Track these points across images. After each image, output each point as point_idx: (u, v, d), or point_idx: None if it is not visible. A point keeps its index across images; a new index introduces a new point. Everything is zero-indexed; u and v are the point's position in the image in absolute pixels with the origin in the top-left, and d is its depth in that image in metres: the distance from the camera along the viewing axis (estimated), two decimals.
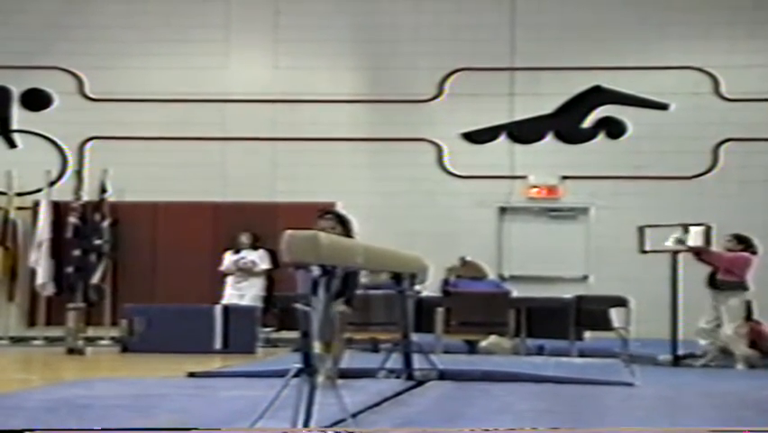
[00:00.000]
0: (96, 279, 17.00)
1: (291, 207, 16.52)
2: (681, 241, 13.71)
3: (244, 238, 16.62)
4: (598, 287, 16.61)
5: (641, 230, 14.06)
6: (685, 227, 13.82)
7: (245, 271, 16.51)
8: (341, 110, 18.04)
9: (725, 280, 13.37)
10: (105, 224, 17.28)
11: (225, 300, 16.03)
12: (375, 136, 18.03)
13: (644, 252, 13.95)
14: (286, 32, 18.24)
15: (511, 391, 9.93)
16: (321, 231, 8.61)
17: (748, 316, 13.53)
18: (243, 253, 16.60)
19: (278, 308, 15.25)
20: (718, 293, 13.37)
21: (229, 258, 16.62)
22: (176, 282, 17.08)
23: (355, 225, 10.00)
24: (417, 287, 11.07)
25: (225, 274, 16.58)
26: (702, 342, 13.47)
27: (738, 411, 8.67)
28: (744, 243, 13.61)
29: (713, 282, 13.45)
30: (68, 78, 18.24)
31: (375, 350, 13.83)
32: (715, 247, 13.79)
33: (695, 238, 13.69)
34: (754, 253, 13.60)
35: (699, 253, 13.62)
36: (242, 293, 16.35)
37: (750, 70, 17.77)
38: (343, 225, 9.74)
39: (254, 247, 16.60)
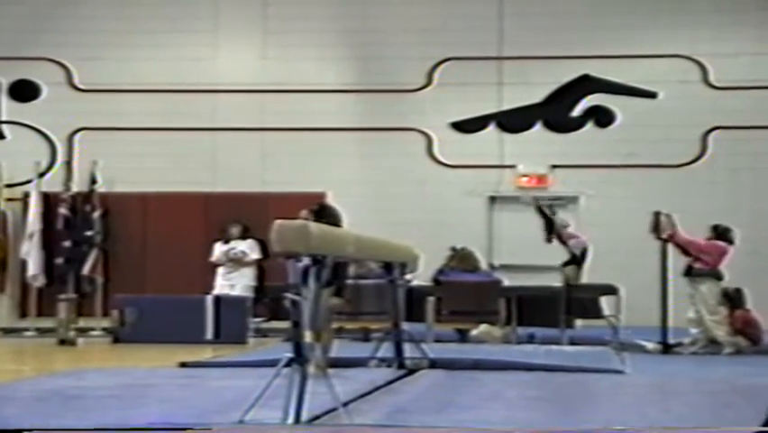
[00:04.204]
0: (86, 270, 17.00)
1: (281, 198, 16.52)
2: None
3: (234, 229, 16.62)
4: (589, 275, 16.63)
5: (656, 215, 13.81)
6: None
7: (235, 262, 16.52)
8: (330, 100, 18.05)
9: (694, 267, 13.43)
10: (96, 215, 17.26)
11: (216, 291, 16.04)
12: (364, 126, 18.04)
13: (660, 238, 13.73)
14: (274, 22, 18.23)
15: (502, 379, 9.97)
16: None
17: (735, 303, 13.58)
18: (233, 244, 16.61)
19: (269, 298, 15.27)
20: (691, 280, 13.43)
21: (219, 248, 16.63)
22: (167, 273, 17.08)
23: (343, 216, 10.00)
24: (408, 276, 11.10)
25: (216, 265, 16.59)
26: (693, 330, 13.52)
27: (726, 397, 8.71)
28: (717, 231, 13.61)
29: (687, 271, 13.51)
30: (57, 69, 18.21)
31: (366, 339, 13.83)
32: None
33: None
34: (730, 243, 13.60)
35: (672, 237, 13.63)
36: (232, 283, 16.37)
37: (738, 58, 17.81)
38: (320, 217, 9.67)
39: (243, 237, 16.61)
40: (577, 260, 15.47)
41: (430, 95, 18.07)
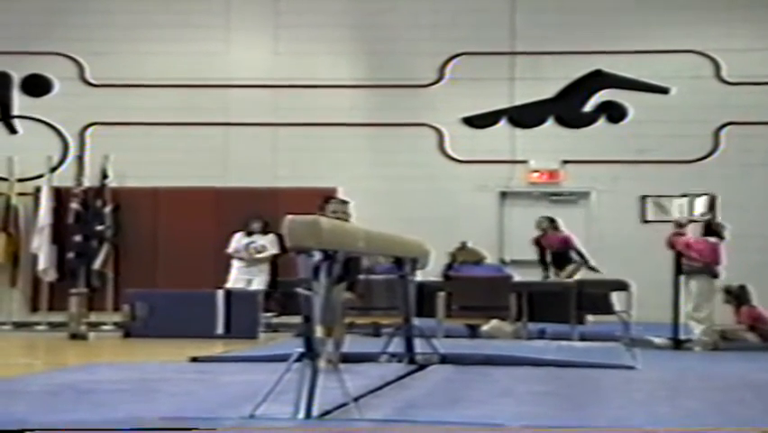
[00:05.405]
0: (97, 264, 17.03)
1: (292, 193, 16.52)
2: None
3: (256, 224, 16.44)
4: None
5: (643, 200, 13.79)
6: (691, 199, 13.73)
7: (256, 260, 16.33)
8: (341, 95, 18.05)
9: (684, 264, 13.37)
10: (107, 209, 17.29)
11: (231, 284, 15.91)
12: (376, 121, 18.04)
13: (647, 222, 13.70)
14: (286, 17, 18.24)
15: (512, 374, 9.96)
16: (332, 214, 8.82)
17: (740, 300, 13.57)
18: (254, 237, 16.45)
19: (280, 292, 15.27)
20: (686, 277, 13.38)
21: (238, 240, 16.46)
22: (178, 267, 17.10)
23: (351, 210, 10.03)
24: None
25: (230, 257, 16.44)
26: (693, 328, 13.48)
27: (737, 393, 8.70)
28: (710, 228, 13.54)
29: (679, 268, 13.48)
30: (69, 64, 18.24)
31: (377, 334, 13.84)
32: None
33: (700, 208, 13.65)
34: (720, 238, 13.51)
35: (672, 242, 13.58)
36: (250, 278, 16.20)
37: (750, 54, 17.77)
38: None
39: (264, 232, 16.45)
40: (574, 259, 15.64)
41: (441, 90, 18.06)
